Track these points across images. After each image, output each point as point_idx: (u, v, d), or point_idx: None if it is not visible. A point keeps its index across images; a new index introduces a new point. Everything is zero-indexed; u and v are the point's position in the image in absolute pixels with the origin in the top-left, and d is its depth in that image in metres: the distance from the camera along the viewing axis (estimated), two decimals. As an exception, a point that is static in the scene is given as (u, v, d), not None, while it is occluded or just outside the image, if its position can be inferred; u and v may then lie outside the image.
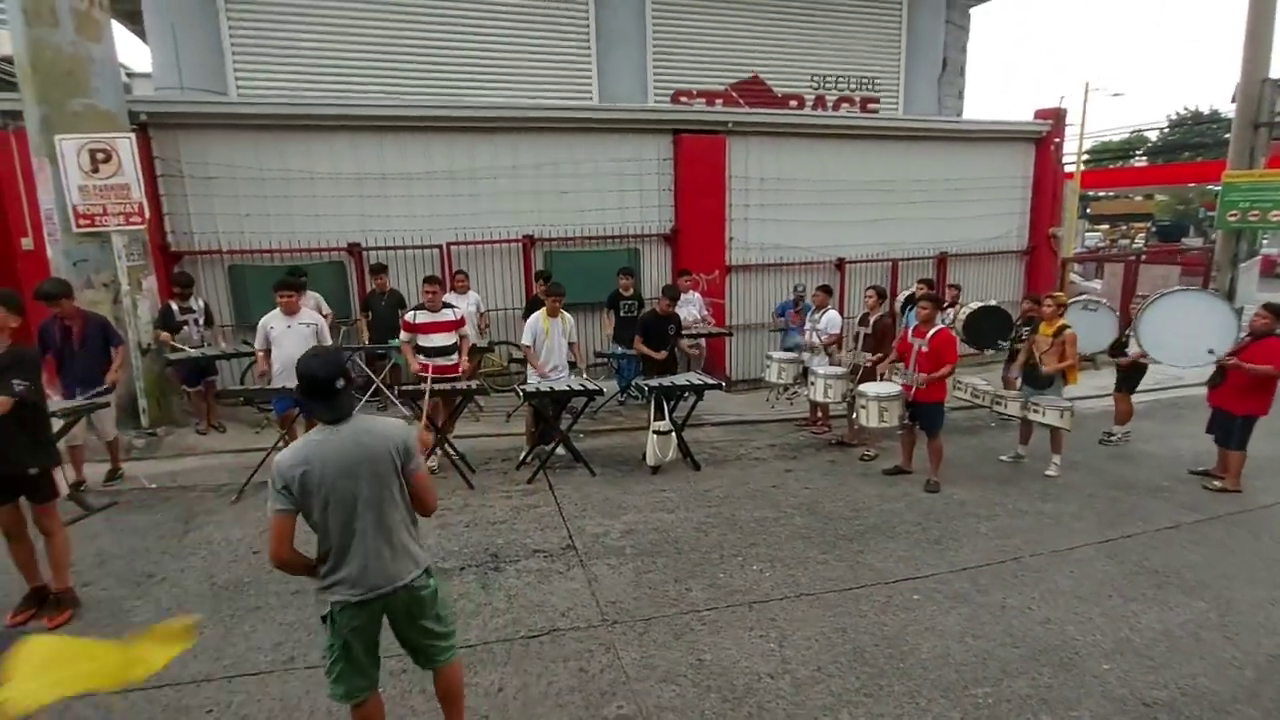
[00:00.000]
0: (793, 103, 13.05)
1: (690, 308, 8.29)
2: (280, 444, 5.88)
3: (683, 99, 12.28)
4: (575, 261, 8.86)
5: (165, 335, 6.79)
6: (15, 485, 3.80)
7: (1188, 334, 6.19)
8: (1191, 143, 42.29)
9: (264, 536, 4.87)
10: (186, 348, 6.76)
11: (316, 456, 2.39)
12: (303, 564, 2.50)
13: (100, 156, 6.56)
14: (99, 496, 5.68)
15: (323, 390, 2.40)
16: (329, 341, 6.09)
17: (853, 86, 13.49)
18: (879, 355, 6.71)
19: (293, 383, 5.66)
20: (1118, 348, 7.22)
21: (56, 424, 4.75)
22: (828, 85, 13.31)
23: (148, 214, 6.88)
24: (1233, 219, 10.16)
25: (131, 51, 42.27)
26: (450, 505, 5.47)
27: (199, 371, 7.13)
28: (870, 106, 13.58)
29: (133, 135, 6.78)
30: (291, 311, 5.81)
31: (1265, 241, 19.33)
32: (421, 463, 2.59)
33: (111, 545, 4.85)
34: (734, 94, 12.61)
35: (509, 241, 8.75)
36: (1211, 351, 5.92)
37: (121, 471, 6.09)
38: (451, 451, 6.21)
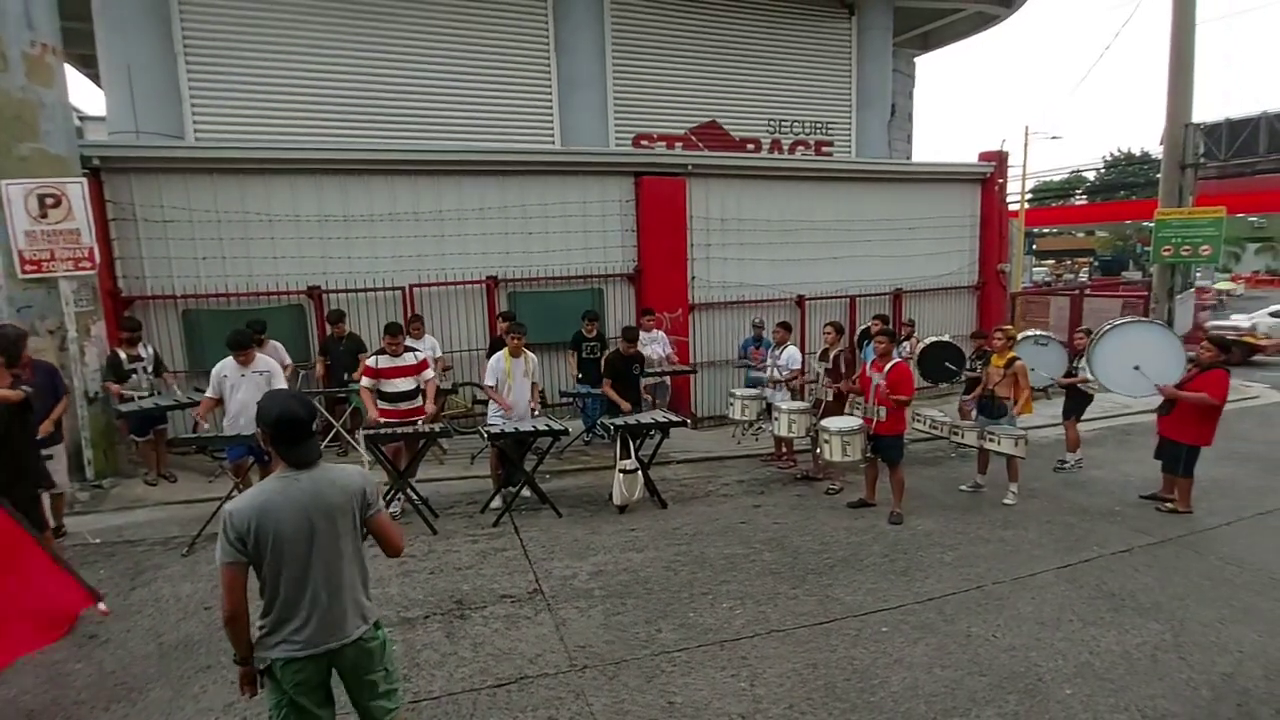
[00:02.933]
0: (750, 146, 13.47)
1: (655, 346, 8.35)
2: (234, 493, 5.70)
3: (643, 142, 12.58)
4: (539, 302, 8.89)
5: (115, 387, 6.55)
6: None
7: (1136, 364, 6.34)
8: (1126, 182, 44.72)
9: (216, 591, 4.71)
10: (136, 397, 6.53)
11: (272, 506, 2.31)
12: (247, 627, 2.39)
13: (49, 201, 6.42)
14: (38, 554, 5.38)
15: (299, 432, 2.35)
16: (284, 387, 5.89)
17: (807, 131, 14.01)
18: (839, 386, 6.84)
19: (247, 430, 5.56)
20: (1068, 379, 7.51)
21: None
22: (783, 130, 13.80)
23: (98, 259, 6.72)
24: (1166, 254, 10.75)
25: (85, 95, 41.69)
26: (414, 552, 5.34)
27: (148, 420, 6.87)
28: (824, 150, 14.09)
29: (84, 180, 6.66)
30: (246, 361, 5.68)
31: (1199, 274, 20.38)
32: (381, 505, 2.56)
33: (51, 605, 4.59)
34: (693, 137, 12.98)
35: (473, 283, 8.76)
36: (1138, 368, 6.16)
37: (63, 528, 5.78)
38: (414, 496, 6.08)
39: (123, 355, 6.66)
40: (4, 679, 3.71)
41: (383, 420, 6.04)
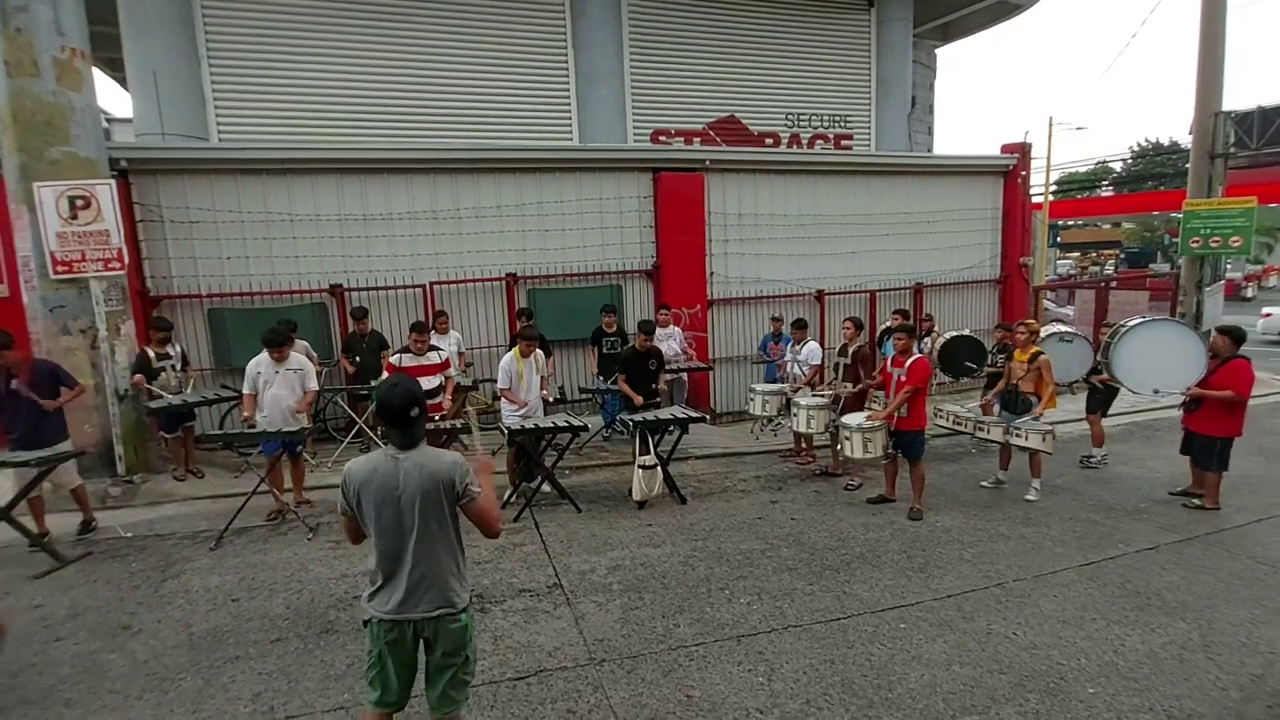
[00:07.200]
0: (768, 140, 13.40)
1: (670, 342, 8.35)
2: (260, 487, 5.83)
3: (661, 138, 12.57)
4: (558, 299, 8.94)
5: (140, 379, 6.68)
6: None
7: (1158, 365, 6.24)
8: (1154, 173, 43.73)
9: (243, 584, 4.83)
10: (165, 394, 6.67)
11: (375, 479, 2.55)
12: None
13: (79, 203, 6.57)
14: (72, 547, 5.54)
15: (399, 418, 2.56)
16: (315, 386, 6.08)
17: (826, 124, 13.90)
18: (860, 385, 6.79)
19: (280, 425, 5.70)
20: (1093, 375, 7.37)
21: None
22: (802, 123, 13.70)
23: (127, 259, 6.87)
24: (1195, 245, 10.51)
25: (112, 97, 42.49)
26: (434, 546, 5.40)
27: (177, 417, 7.03)
28: (844, 143, 13.97)
29: (112, 182, 6.80)
30: (280, 359, 5.84)
31: (1229, 266, 19.91)
32: (476, 491, 2.66)
33: (85, 597, 4.73)
34: (711, 133, 12.94)
35: (492, 280, 8.82)
36: (1157, 391, 6.13)
37: (95, 523, 5.94)
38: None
39: (151, 354, 6.81)
40: (42, 669, 3.84)
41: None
